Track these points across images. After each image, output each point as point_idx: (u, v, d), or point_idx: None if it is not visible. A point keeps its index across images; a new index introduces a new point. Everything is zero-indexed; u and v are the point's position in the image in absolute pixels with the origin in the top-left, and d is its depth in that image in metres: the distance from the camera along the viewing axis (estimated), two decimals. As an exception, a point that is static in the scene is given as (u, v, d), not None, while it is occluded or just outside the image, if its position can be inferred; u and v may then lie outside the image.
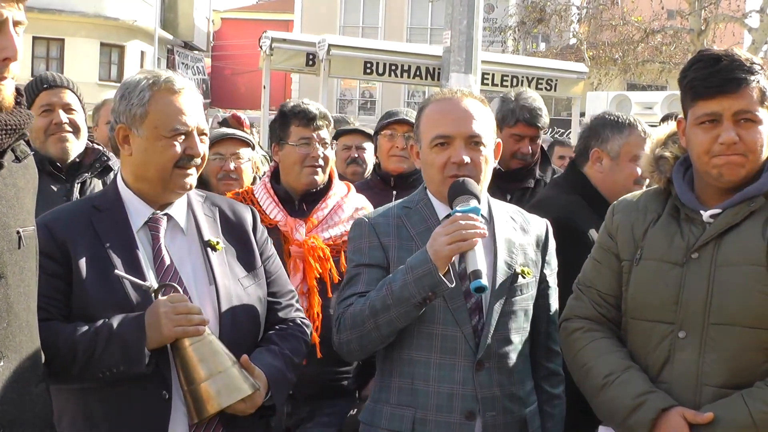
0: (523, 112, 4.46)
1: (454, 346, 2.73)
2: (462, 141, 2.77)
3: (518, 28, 24.58)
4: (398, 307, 2.62)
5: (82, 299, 2.55)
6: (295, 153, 3.73)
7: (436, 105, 2.87)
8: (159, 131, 2.64)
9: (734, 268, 2.54)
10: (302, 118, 3.75)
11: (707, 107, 2.56)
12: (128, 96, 2.67)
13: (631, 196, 2.89)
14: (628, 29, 24.33)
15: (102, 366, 2.48)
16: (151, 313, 2.50)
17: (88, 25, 32.27)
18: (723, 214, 2.59)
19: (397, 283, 2.62)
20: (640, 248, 2.70)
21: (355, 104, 35.96)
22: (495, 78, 12.59)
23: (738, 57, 2.56)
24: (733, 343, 2.51)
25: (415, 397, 2.74)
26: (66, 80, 4.01)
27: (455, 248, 2.54)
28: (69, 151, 3.95)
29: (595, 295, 2.79)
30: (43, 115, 3.92)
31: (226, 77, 40.35)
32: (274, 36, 11.96)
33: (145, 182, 2.69)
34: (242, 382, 2.55)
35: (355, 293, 2.77)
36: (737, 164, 2.56)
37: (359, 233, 2.88)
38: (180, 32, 38.95)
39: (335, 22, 34.33)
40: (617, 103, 15.97)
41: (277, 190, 3.78)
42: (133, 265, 2.59)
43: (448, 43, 9.62)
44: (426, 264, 2.57)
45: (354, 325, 2.70)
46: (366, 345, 2.74)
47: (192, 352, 2.51)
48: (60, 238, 2.58)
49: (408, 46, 15.84)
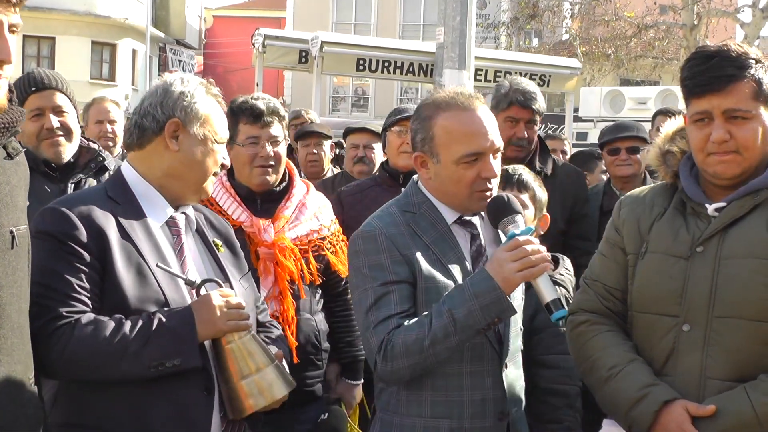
0: (516, 95, 4.48)
1: (482, 352, 2.71)
2: (491, 155, 2.71)
3: (511, 24, 24.58)
4: (461, 334, 2.55)
5: (115, 292, 2.49)
6: (243, 153, 3.60)
7: (453, 118, 2.71)
8: (215, 137, 2.70)
9: (739, 261, 2.53)
10: (249, 116, 3.60)
11: (698, 105, 2.57)
12: (188, 94, 2.68)
13: (639, 190, 2.89)
14: (620, 24, 24.36)
15: (152, 360, 2.43)
16: (203, 306, 2.49)
17: (79, 23, 32.18)
18: (728, 208, 2.59)
19: (460, 311, 2.52)
20: (645, 242, 2.70)
21: (347, 101, 35.93)
22: (488, 74, 12.62)
23: (730, 53, 2.55)
24: (738, 336, 2.51)
25: (451, 408, 2.69)
26: (55, 80, 3.92)
27: (527, 274, 2.52)
28: (62, 155, 3.89)
29: (602, 289, 2.79)
30: (33, 120, 3.83)
31: (219, 75, 40.29)
32: (266, 33, 11.96)
33: (178, 181, 2.67)
34: (280, 382, 2.58)
35: (392, 314, 2.61)
36: (730, 162, 2.56)
37: (375, 247, 2.67)
38: (172, 30, 38.86)
39: (327, 19, 34.28)
40: (611, 98, 15.98)
41: (238, 189, 3.66)
42: (161, 261, 2.57)
43: (442, 40, 9.61)
44: (494, 292, 2.51)
45: (409, 353, 2.57)
46: (419, 371, 2.64)
47: (235, 348, 2.51)
48: (93, 228, 2.51)
49: (401, 43, 15.84)
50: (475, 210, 2.76)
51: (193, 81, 2.71)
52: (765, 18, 20.93)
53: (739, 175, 2.58)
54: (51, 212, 2.50)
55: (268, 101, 3.66)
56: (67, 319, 2.37)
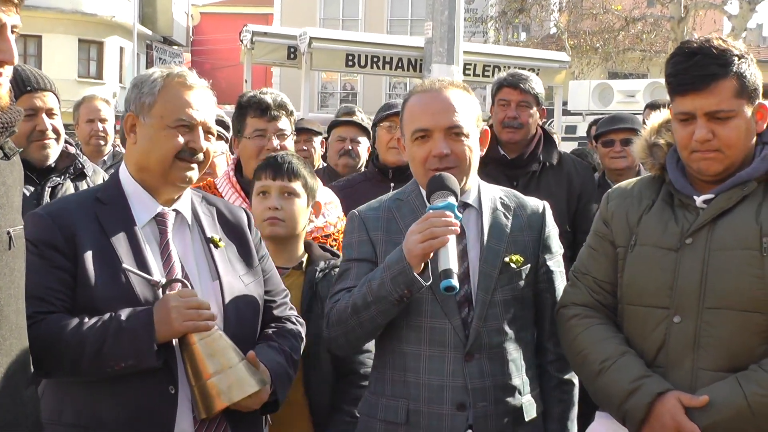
0: (506, 77, 4.66)
1: (443, 338, 2.73)
2: (441, 133, 2.74)
3: (499, 18, 24.62)
4: (377, 304, 2.63)
5: (87, 293, 2.52)
6: (250, 146, 3.62)
7: (417, 97, 2.84)
8: (164, 121, 2.62)
9: (728, 252, 2.55)
10: (257, 109, 3.63)
11: (681, 105, 2.59)
12: (140, 85, 2.66)
13: (626, 183, 2.90)
14: (608, 18, 24.43)
15: (111, 359, 2.45)
16: (161, 307, 2.48)
17: (65, 21, 32.06)
18: (716, 199, 2.60)
19: (376, 281, 2.63)
20: (634, 234, 2.71)
21: (336, 97, 35.89)
22: (477, 68, 12.62)
23: (713, 50, 2.55)
24: (728, 326, 2.52)
25: (408, 389, 2.75)
26: (48, 81, 3.91)
27: (427, 246, 2.53)
28: (49, 157, 3.88)
29: (591, 282, 2.80)
30: (25, 120, 3.80)
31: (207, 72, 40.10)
32: (254, 29, 11.92)
33: (147, 173, 2.67)
34: (250, 379, 2.55)
35: (344, 288, 2.78)
36: (713, 160, 2.58)
37: (350, 227, 2.88)
38: (159, 27, 38.75)
39: (315, 14, 34.21)
40: (599, 91, 16.02)
41: (242, 183, 3.67)
42: (139, 260, 2.57)
43: (430, 34, 9.62)
44: (401, 262, 2.57)
45: (339, 321, 2.72)
46: (352, 341, 2.78)
47: (201, 347, 2.50)
48: (67, 230, 2.54)
49: (390, 38, 15.85)
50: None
51: (155, 71, 2.69)
52: (752, 10, 20.98)
53: (722, 172, 2.60)
54: (29, 217, 2.51)
55: (275, 95, 3.69)
56: (34, 319, 2.38)
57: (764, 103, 2.62)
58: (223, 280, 2.69)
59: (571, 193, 4.56)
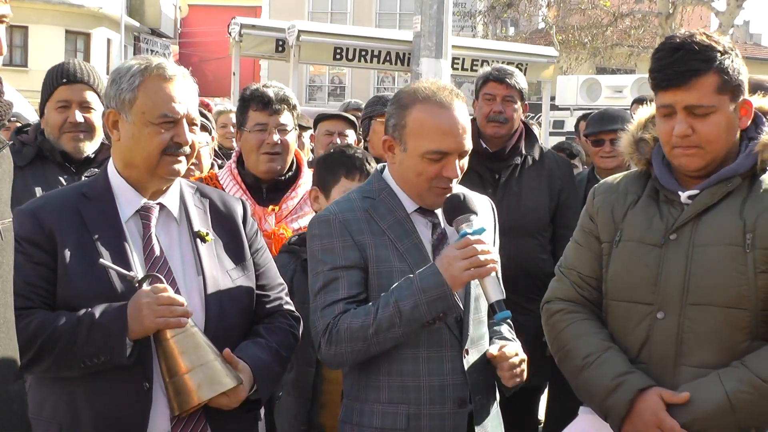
0: (492, 72, 4.66)
1: (440, 337, 2.72)
2: (456, 156, 2.72)
3: (488, 13, 24.64)
4: (406, 326, 2.59)
5: (67, 288, 2.52)
6: (251, 139, 3.63)
7: (428, 111, 2.72)
8: (146, 117, 2.59)
9: (712, 248, 2.56)
10: (258, 102, 3.63)
11: (663, 99, 2.59)
12: (119, 81, 2.63)
13: (612, 178, 2.90)
14: (596, 13, 24.48)
15: (83, 355, 2.45)
16: (134, 303, 2.47)
17: (52, 12, 31.86)
18: (700, 195, 2.61)
19: (407, 303, 2.57)
20: (619, 230, 2.71)
21: (324, 90, 35.82)
22: (465, 62, 12.62)
23: (696, 46, 2.54)
24: (711, 323, 2.53)
25: (407, 394, 2.71)
26: (88, 73, 3.90)
27: (474, 274, 2.55)
28: (82, 150, 3.86)
29: (576, 277, 2.80)
30: (58, 111, 3.82)
31: (195, 65, 39.98)
32: (243, 22, 11.88)
33: (133, 169, 2.65)
34: (224, 376, 2.52)
35: (339, 300, 2.67)
36: (693, 155, 2.58)
37: (329, 232, 2.74)
38: (147, 19, 38.54)
39: (303, 7, 34.13)
40: (587, 86, 16.07)
41: (244, 176, 3.68)
42: (120, 255, 2.56)
43: (419, 28, 9.59)
44: (441, 288, 2.55)
45: (353, 339, 2.63)
46: (361, 357, 2.70)
47: (174, 343, 2.48)
48: (47, 226, 2.54)
49: (378, 32, 15.82)
50: (430, 205, 2.78)
51: (132, 65, 2.65)
52: (739, 7, 21.06)
53: (704, 167, 2.60)
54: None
55: (278, 90, 3.68)
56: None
57: (748, 99, 2.63)
58: (207, 275, 2.66)
59: (552, 187, 4.58)
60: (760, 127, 2.65)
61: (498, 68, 4.71)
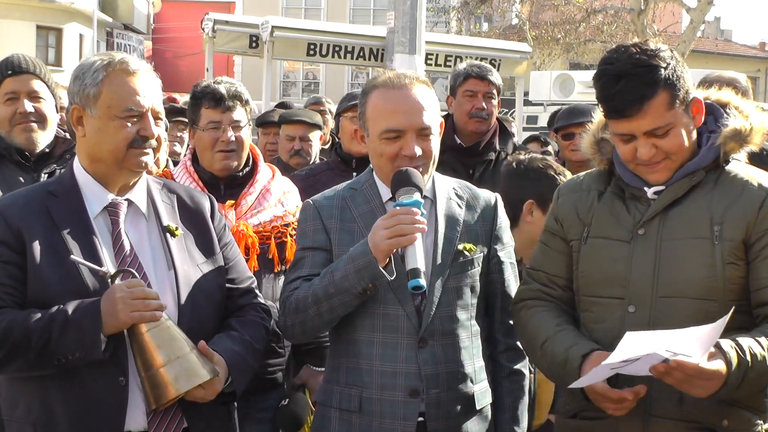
0: (473, 68, 4.72)
1: (396, 324, 2.75)
2: (413, 134, 2.76)
3: (462, 9, 24.67)
4: (339, 296, 2.66)
5: (38, 286, 2.51)
6: (205, 137, 3.58)
7: (384, 93, 2.82)
8: (112, 111, 2.60)
9: (680, 242, 2.59)
10: (210, 100, 3.57)
11: (619, 128, 2.59)
12: (82, 76, 2.63)
13: (575, 177, 2.93)
14: (569, 9, 24.59)
15: (58, 353, 2.44)
16: (108, 298, 2.47)
17: (22, 6, 31.49)
18: (666, 190, 2.63)
19: (339, 273, 2.65)
20: (586, 227, 2.73)
21: (298, 86, 35.74)
22: (439, 58, 12.64)
23: (638, 69, 2.51)
24: (681, 315, 2.55)
25: (361, 377, 2.77)
26: (34, 64, 3.85)
27: (394, 243, 2.58)
28: (35, 142, 3.78)
29: (543, 278, 2.83)
30: (7, 104, 3.75)
31: (168, 60, 39.74)
32: (216, 18, 11.83)
33: (100, 164, 2.65)
34: (200, 368, 2.53)
35: (300, 276, 2.79)
36: (662, 169, 2.61)
37: (304, 216, 2.89)
38: (119, 14, 38.23)
39: (277, 3, 34.00)
40: (560, 82, 16.14)
41: (200, 173, 3.64)
42: (89, 251, 2.56)
43: (392, 24, 9.64)
44: (366, 256, 2.60)
45: (297, 310, 2.73)
46: (308, 330, 2.79)
47: (149, 337, 2.48)
48: (15, 225, 2.53)
49: (352, 27, 15.82)
50: None
51: (95, 60, 2.66)
52: (710, 3, 21.24)
53: (670, 177, 2.62)
54: None
55: (230, 85, 3.63)
56: None
57: (698, 97, 2.63)
58: (179, 269, 2.67)
59: None
60: (719, 120, 2.67)
61: (478, 65, 4.77)
